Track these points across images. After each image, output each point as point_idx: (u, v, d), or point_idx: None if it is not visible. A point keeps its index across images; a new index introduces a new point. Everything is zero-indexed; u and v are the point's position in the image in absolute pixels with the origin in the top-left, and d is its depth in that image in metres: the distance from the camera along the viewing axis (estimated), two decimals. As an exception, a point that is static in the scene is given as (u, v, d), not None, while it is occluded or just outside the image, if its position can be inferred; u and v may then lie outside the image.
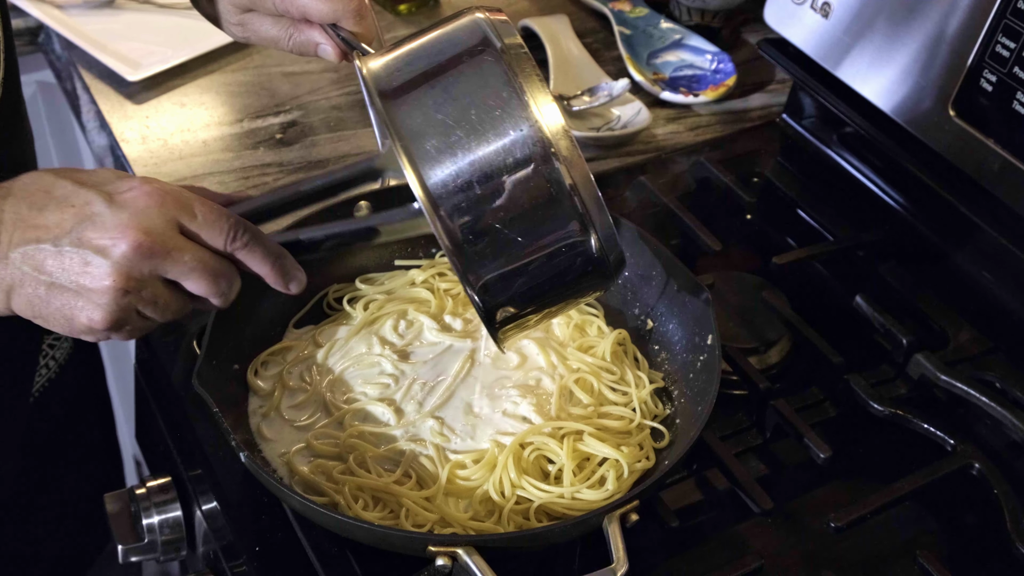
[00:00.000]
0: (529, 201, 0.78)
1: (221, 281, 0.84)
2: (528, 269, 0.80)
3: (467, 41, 0.80)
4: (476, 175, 0.77)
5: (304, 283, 0.90)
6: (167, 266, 0.81)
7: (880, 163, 1.33)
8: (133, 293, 0.80)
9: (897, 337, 1.16)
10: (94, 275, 0.79)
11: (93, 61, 1.52)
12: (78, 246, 0.79)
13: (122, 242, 0.79)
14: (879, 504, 1.01)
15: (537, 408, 1.03)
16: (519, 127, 0.77)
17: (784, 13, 1.35)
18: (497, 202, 0.78)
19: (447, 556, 0.85)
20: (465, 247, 0.79)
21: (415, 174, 0.78)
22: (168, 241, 0.81)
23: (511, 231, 0.78)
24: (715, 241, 1.24)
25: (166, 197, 0.82)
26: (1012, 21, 1.08)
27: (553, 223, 0.79)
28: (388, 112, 0.79)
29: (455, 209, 0.78)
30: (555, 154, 0.77)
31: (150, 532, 1.10)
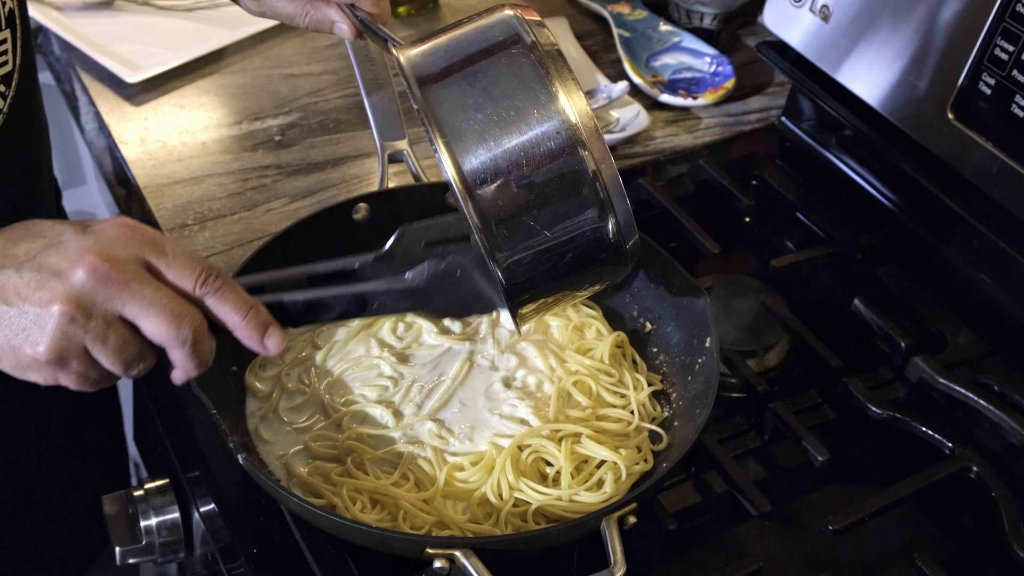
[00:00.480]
0: (556, 188, 0.80)
1: (183, 326, 0.77)
2: (551, 252, 0.82)
3: (500, 35, 0.82)
4: (507, 162, 0.79)
5: (283, 344, 0.83)
6: (123, 298, 0.76)
7: (879, 166, 1.33)
8: (80, 323, 0.75)
9: (895, 340, 1.16)
10: (43, 298, 0.75)
11: (92, 63, 1.52)
12: (37, 270, 0.75)
13: (79, 265, 0.75)
14: (877, 507, 1.01)
15: (535, 410, 1.03)
16: (550, 118, 0.79)
17: (783, 16, 1.35)
18: (526, 188, 0.80)
19: (445, 558, 0.85)
20: (494, 229, 0.80)
21: (450, 158, 0.80)
22: (128, 272, 0.76)
23: (538, 215, 0.81)
24: (714, 244, 1.24)
25: (137, 230, 0.78)
26: (1011, 24, 1.08)
27: (577, 209, 0.81)
28: (425, 99, 0.81)
29: (486, 194, 0.80)
30: (582, 144, 0.79)
31: (148, 534, 1.10)
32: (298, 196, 1.36)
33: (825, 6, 1.29)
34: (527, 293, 0.85)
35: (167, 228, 1.30)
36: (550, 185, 0.80)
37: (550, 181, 0.80)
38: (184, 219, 1.31)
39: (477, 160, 0.80)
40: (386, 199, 1.15)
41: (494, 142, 0.79)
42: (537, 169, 0.79)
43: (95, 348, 0.77)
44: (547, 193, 0.80)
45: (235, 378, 1.06)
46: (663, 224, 1.28)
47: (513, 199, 0.80)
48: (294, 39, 1.62)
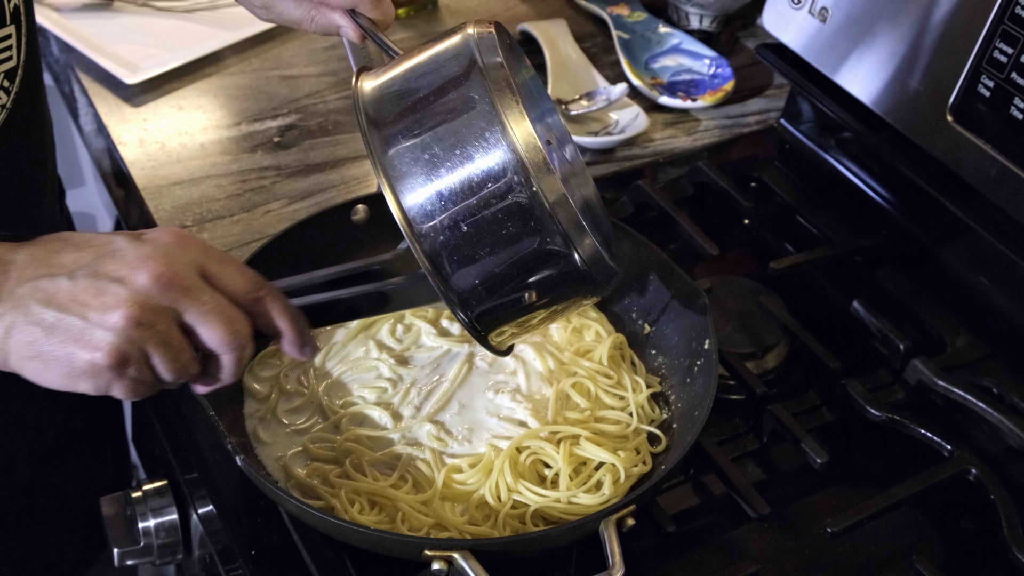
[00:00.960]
0: (506, 225, 0.78)
1: (238, 332, 0.79)
2: (510, 287, 0.81)
3: (455, 66, 0.80)
4: (454, 201, 0.78)
5: (316, 352, 0.85)
6: (186, 303, 0.77)
7: (878, 168, 1.33)
8: (146, 327, 0.75)
9: (894, 342, 1.16)
10: (107, 303, 0.75)
11: (91, 64, 1.52)
12: (95, 277, 0.75)
13: (143, 271, 0.75)
14: (876, 509, 1.01)
15: (534, 412, 1.03)
16: (495, 155, 0.78)
17: (782, 18, 1.35)
18: (475, 227, 0.78)
19: (443, 560, 0.85)
20: (446, 268, 0.80)
21: (394, 200, 0.79)
22: (189, 279, 0.77)
23: (490, 253, 0.79)
24: (712, 246, 1.24)
25: (190, 240, 0.79)
26: (1010, 27, 1.08)
27: (532, 243, 0.79)
28: (372, 139, 0.80)
29: (432, 233, 0.79)
30: (529, 179, 0.77)
31: (146, 535, 1.10)
32: (297, 198, 1.36)
33: (824, 8, 1.29)
34: (495, 324, 0.84)
35: (166, 229, 1.29)
36: (500, 223, 0.78)
37: (499, 219, 0.78)
38: (183, 220, 1.31)
39: (422, 198, 0.78)
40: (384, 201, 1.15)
41: (440, 182, 0.78)
42: (485, 207, 0.78)
43: (156, 353, 0.77)
44: (497, 230, 0.78)
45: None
46: (662, 226, 1.28)
47: (463, 238, 0.78)
48: (293, 41, 1.62)
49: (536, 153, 0.77)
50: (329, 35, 1.04)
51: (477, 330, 0.83)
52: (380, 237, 1.15)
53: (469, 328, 0.83)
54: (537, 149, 0.78)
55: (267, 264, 1.07)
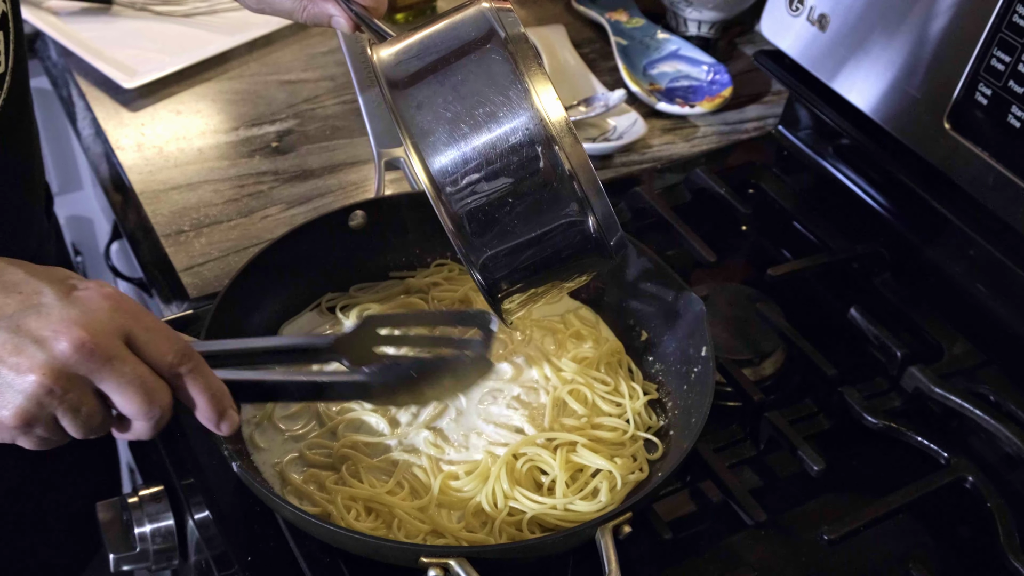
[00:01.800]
0: (528, 186, 0.80)
1: (155, 404, 0.77)
2: (527, 250, 0.82)
3: (473, 31, 0.82)
4: (477, 161, 0.79)
5: (236, 427, 0.84)
6: (104, 373, 0.75)
7: (875, 175, 1.33)
8: (58, 395, 0.73)
9: (891, 350, 1.16)
10: (22, 365, 0.73)
11: (89, 68, 1.52)
12: (15, 332, 0.73)
13: (64, 337, 0.73)
14: (872, 517, 1.01)
15: (531, 419, 1.03)
16: (519, 115, 0.79)
17: (780, 25, 1.35)
18: (498, 188, 0.79)
19: (439, 567, 0.85)
20: (466, 229, 0.80)
21: (419, 158, 0.79)
22: (112, 348, 0.75)
23: (510, 213, 0.80)
24: (710, 252, 1.24)
25: (121, 303, 0.77)
26: (1007, 35, 1.08)
27: (551, 207, 0.80)
28: (395, 101, 0.80)
29: (456, 194, 0.79)
30: (553, 140, 0.78)
31: (142, 541, 1.10)
32: (294, 203, 1.36)
33: (822, 15, 1.29)
34: (507, 289, 0.84)
35: (163, 234, 1.29)
36: (521, 183, 0.79)
37: (521, 179, 0.79)
38: (180, 225, 1.31)
39: (446, 159, 0.79)
40: (382, 206, 1.15)
41: (463, 141, 0.79)
42: (507, 167, 0.79)
43: (65, 418, 0.76)
44: (519, 191, 0.79)
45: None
46: (659, 232, 1.28)
47: (484, 198, 0.79)
48: (292, 45, 1.62)
49: (560, 114, 0.78)
50: (320, 25, 1.02)
51: (492, 296, 0.84)
52: (377, 243, 1.15)
53: (485, 292, 0.83)
54: (561, 111, 0.78)
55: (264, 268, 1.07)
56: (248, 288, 1.06)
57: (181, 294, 1.23)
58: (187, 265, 1.26)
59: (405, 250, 1.18)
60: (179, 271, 1.25)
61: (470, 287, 1.15)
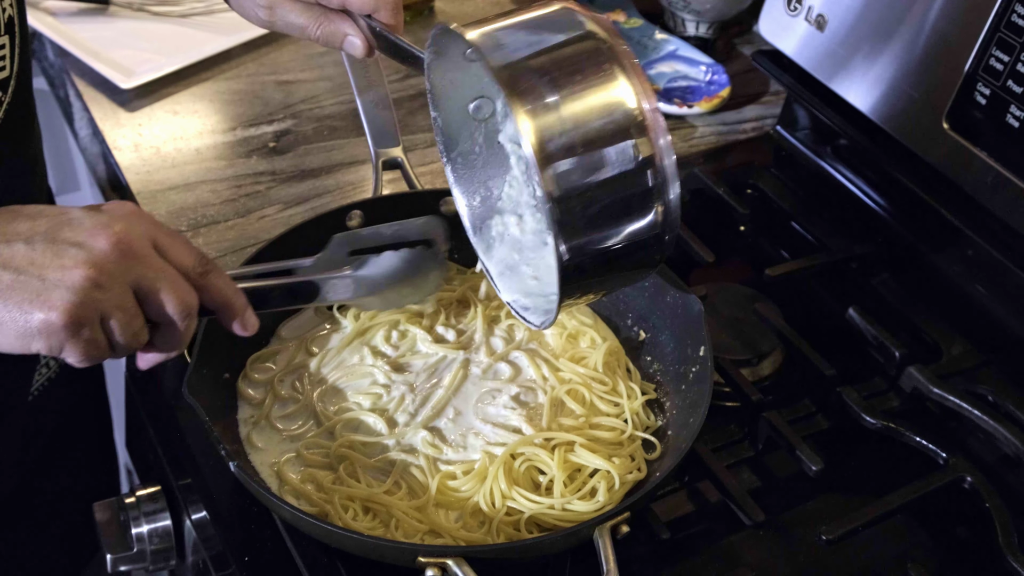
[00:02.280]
0: (621, 172, 0.80)
1: (187, 303, 0.81)
2: (607, 239, 0.82)
3: (570, 24, 0.82)
4: (582, 141, 0.79)
5: (256, 327, 0.88)
6: (141, 270, 0.79)
7: (874, 175, 1.33)
8: (104, 289, 0.76)
9: (890, 350, 1.16)
10: (66, 264, 0.76)
11: (86, 68, 1.52)
12: (52, 242, 0.76)
13: (101, 237, 0.77)
14: (871, 517, 1.00)
15: (529, 419, 1.03)
16: (625, 103, 0.79)
17: (778, 25, 1.35)
18: (595, 171, 0.79)
19: (437, 567, 0.85)
20: (562, 205, 0.79)
21: (532, 128, 0.78)
22: (144, 248, 0.79)
23: (603, 199, 0.80)
24: (708, 252, 1.23)
25: (143, 214, 0.81)
26: (1006, 35, 1.08)
27: (636, 198, 0.81)
28: (500, 74, 0.79)
29: (558, 169, 0.79)
30: (648, 132, 0.79)
31: (139, 541, 1.10)
32: (292, 203, 1.36)
33: (820, 15, 1.29)
34: (576, 278, 0.84)
35: (160, 234, 1.29)
36: (616, 171, 0.80)
37: (617, 167, 0.79)
38: (178, 225, 1.31)
39: (555, 135, 0.78)
40: (380, 206, 1.15)
41: (572, 121, 0.79)
42: (606, 154, 0.79)
43: (113, 316, 0.78)
44: (613, 179, 0.80)
45: (227, 385, 1.06)
46: (658, 232, 1.28)
47: (583, 178, 0.79)
48: (289, 46, 1.62)
49: (654, 104, 0.80)
50: (331, 46, 1.00)
51: (561, 269, 0.83)
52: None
53: (563, 274, 0.82)
54: (654, 100, 0.80)
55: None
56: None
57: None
58: (184, 265, 1.25)
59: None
60: (176, 271, 1.25)
61: (468, 287, 1.15)
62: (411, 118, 1.49)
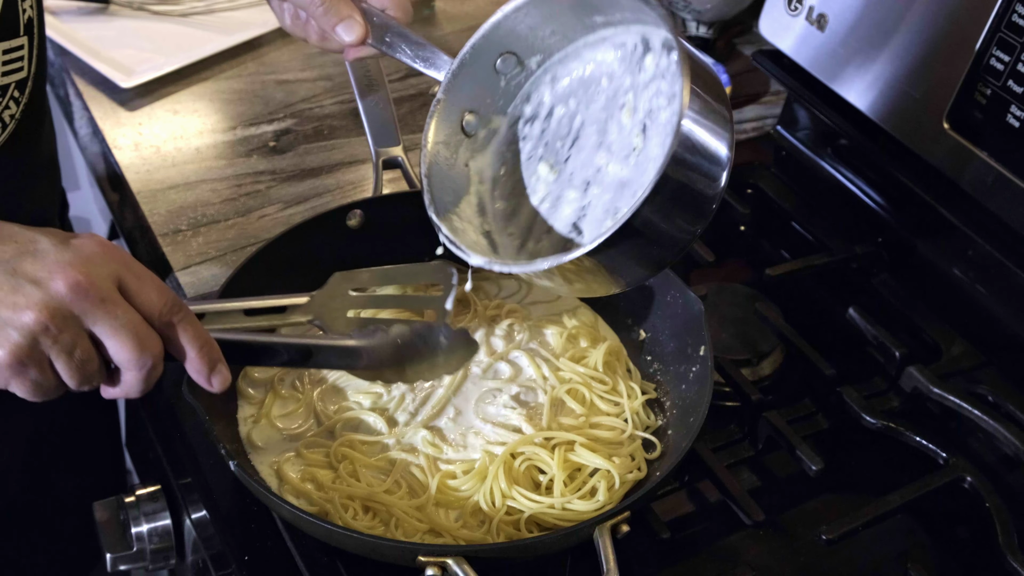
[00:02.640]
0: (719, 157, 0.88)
1: (146, 352, 0.78)
2: (686, 194, 0.88)
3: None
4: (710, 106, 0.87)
5: (228, 383, 0.85)
6: (98, 315, 0.76)
7: (874, 175, 1.33)
8: (52, 333, 0.75)
9: (890, 350, 1.16)
10: (19, 303, 0.74)
11: (86, 67, 1.52)
12: (12, 274, 0.75)
13: (60, 277, 0.75)
14: (871, 517, 1.00)
15: (529, 419, 1.03)
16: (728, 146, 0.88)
17: (779, 25, 1.35)
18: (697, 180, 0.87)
19: (437, 566, 0.85)
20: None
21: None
22: (105, 291, 0.76)
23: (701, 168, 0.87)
24: (708, 252, 1.24)
25: (114, 251, 0.78)
26: (1007, 35, 1.08)
27: (710, 183, 0.88)
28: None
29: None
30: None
31: (139, 540, 1.10)
32: (292, 202, 1.36)
33: (821, 15, 1.29)
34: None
35: (161, 233, 1.29)
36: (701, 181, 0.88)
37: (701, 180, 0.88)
38: (178, 224, 1.31)
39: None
40: (380, 205, 1.15)
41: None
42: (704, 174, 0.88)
43: (59, 360, 0.77)
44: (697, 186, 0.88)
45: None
46: (658, 232, 1.28)
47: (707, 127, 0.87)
48: (289, 45, 1.62)
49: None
50: (327, 28, 1.02)
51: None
52: (375, 242, 1.15)
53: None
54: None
55: (261, 269, 1.07)
56: (245, 287, 1.06)
57: (178, 293, 1.22)
58: (184, 264, 1.26)
59: (403, 249, 1.17)
60: (176, 271, 1.25)
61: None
62: (411, 117, 1.49)
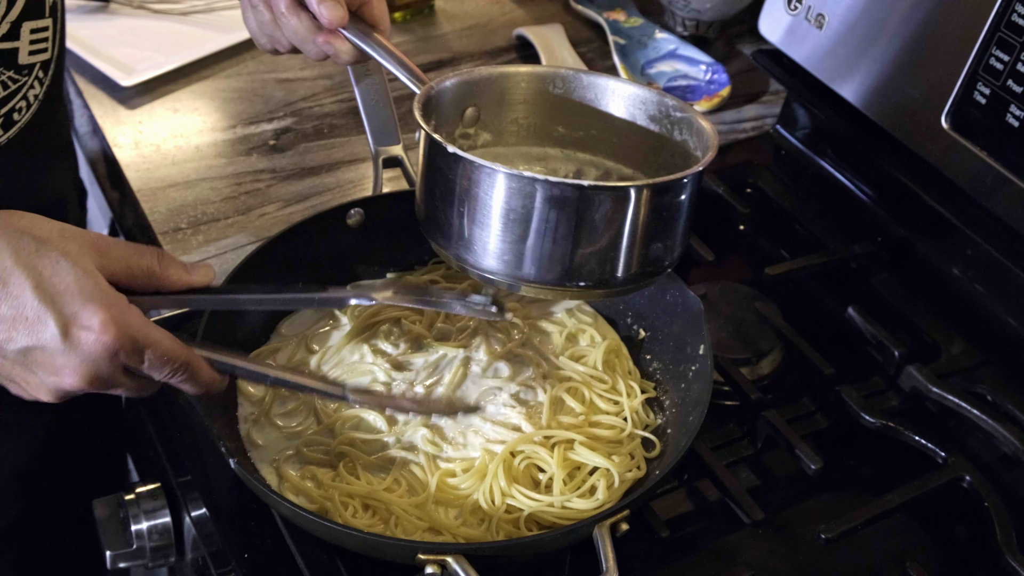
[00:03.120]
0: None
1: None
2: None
3: None
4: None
5: (223, 386, 0.92)
6: (108, 391, 0.85)
7: (873, 175, 1.33)
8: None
9: (889, 349, 1.16)
10: (31, 385, 0.83)
11: (86, 66, 1.52)
12: (24, 367, 0.82)
13: (68, 378, 0.81)
14: (870, 516, 1.01)
15: (528, 417, 1.03)
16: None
17: (778, 24, 1.35)
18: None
19: (436, 564, 0.85)
20: None
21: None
22: (111, 381, 0.84)
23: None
24: (708, 251, 1.24)
25: (118, 344, 0.81)
26: (1006, 34, 1.08)
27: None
28: None
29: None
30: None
31: (139, 538, 1.10)
32: (292, 200, 1.36)
33: (820, 15, 1.29)
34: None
35: (161, 231, 1.29)
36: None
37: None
38: (178, 223, 1.31)
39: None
40: (380, 204, 1.15)
41: None
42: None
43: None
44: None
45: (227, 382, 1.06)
46: (657, 231, 1.28)
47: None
48: (289, 44, 1.62)
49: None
50: (304, 49, 1.05)
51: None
52: (375, 240, 1.15)
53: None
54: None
55: (261, 267, 1.07)
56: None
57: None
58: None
59: (403, 248, 1.18)
60: (176, 269, 1.25)
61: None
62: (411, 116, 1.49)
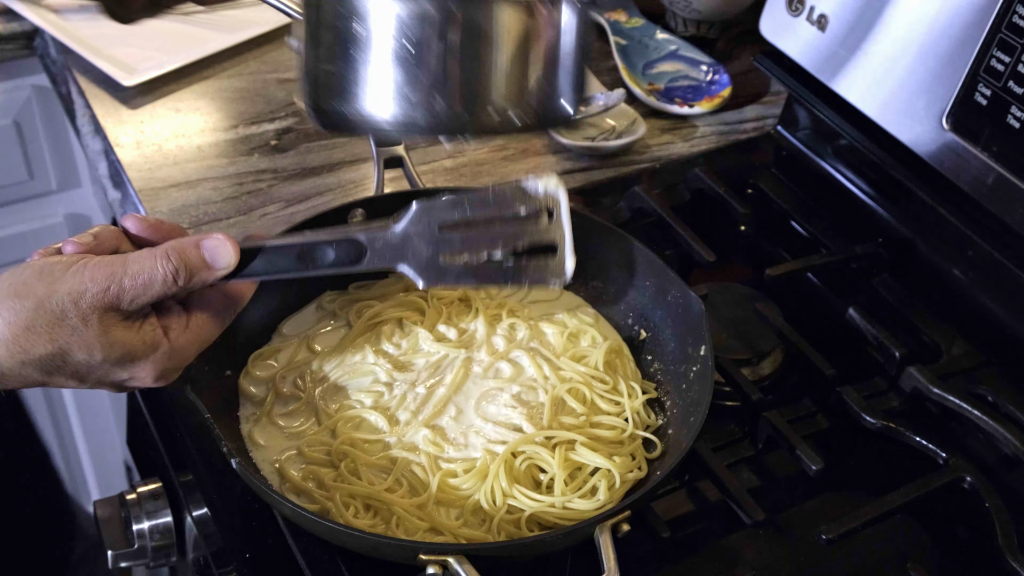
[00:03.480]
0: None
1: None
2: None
3: None
4: None
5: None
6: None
7: (874, 175, 1.33)
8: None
9: (890, 350, 1.16)
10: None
11: (88, 66, 1.52)
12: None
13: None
14: (870, 517, 1.01)
15: (529, 418, 1.03)
16: None
17: (780, 25, 1.35)
18: None
19: (438, 564, 0.85)
20: None
21: None
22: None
23: None
24: (709, 252, 1.24)
25: (114, 345, 0.86)
26: (1007, 35, 1.08)
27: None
28: None
29: None
30: None
31: (140, 538, 1.10)
32: (294, 201, 1.36)
33: (822, 16, 1.29)
34: None
35: (162, 232, 1.29)
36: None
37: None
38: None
39: None
40: (382, 204, 1.15)
41: None
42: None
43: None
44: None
45: (229, 382, 1.06)
46: (659, 232, 1.28)
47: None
48: (291, 44, 1.62)
49: None
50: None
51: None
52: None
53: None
54: None
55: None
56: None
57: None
58: (186, 262, 1.26)
59: (404, 248, 1.18)
60: (178, 268, 1.25)
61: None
62: (412, 116, 1.49)
